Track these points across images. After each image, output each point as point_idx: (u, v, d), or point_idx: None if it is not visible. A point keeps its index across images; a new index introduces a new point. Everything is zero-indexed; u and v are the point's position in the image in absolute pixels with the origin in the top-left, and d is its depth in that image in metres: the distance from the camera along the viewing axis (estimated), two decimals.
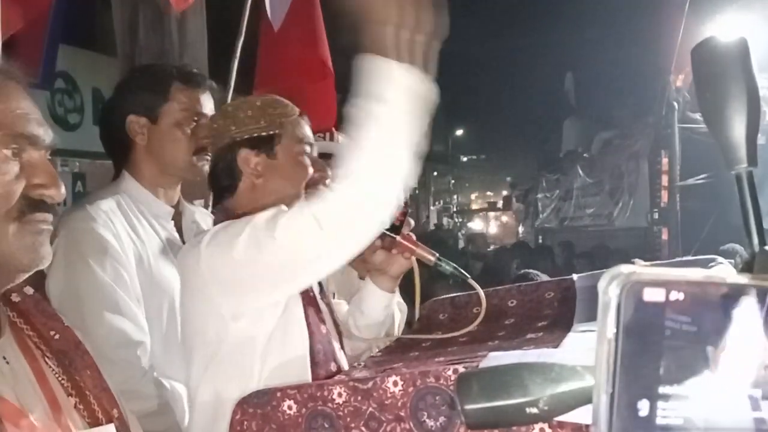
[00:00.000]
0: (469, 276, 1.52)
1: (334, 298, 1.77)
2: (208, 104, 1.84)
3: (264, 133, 1.47)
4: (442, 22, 1.25)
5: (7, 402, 0.85)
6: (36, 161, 0.91)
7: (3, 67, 0.95)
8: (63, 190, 0.91)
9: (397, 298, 1.78)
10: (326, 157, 2.10)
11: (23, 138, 0.90)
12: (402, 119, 1.22)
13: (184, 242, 1.81)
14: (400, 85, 1.21)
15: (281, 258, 1.31)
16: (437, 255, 1.54)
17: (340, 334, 1.58)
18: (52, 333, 0.98)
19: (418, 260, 1.57)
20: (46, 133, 0.93)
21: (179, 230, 1.85)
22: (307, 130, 1.54)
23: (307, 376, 1.38)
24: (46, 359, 0.96)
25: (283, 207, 1.40)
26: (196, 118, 1.79)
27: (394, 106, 1.21)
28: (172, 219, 1.85)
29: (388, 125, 1.22)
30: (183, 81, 1.81)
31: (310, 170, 1.52)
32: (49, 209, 0.91)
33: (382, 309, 1.59)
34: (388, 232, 1.50)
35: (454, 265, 1.54)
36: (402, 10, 1.22)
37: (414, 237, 1.55)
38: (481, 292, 1.48)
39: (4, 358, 0.90)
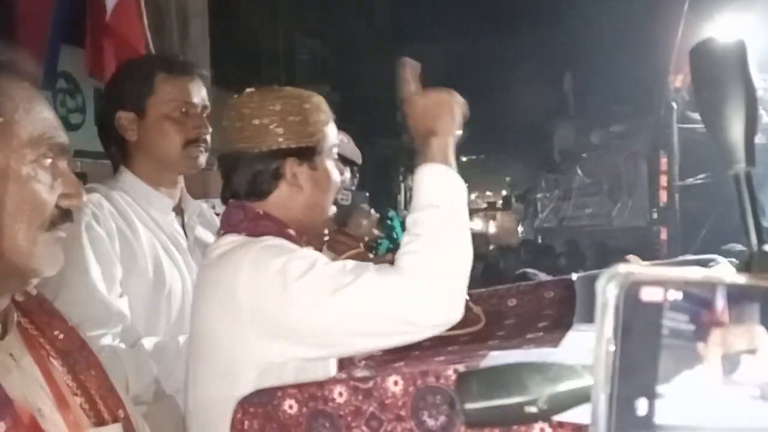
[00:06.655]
0: None
1: None
2: (197, 92, 1.77)
3: (310, 144, 1.40)
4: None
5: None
6: (63, 170, 0.89)
7: (24, 70, 0.91)
8: (85, 197, 0.91)
9: None
10: None
11: (57, 147, 0.89)
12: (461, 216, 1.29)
13: (187, 237, 1.79)
14: (458, 188, 1.30)
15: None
16: None
17: None
18: (56, 333, 0.97)
19: None
20: (67, 140, 0.92)
21: (182, 225, 1.82)
22: (336, 136, 1.48)
23: None
24: (51, 358, 0.95)
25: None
26: (184, 109, 1.73)
27: (456, 206, 1.28)
28: (177, 215, 1.81)
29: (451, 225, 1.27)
30: (166, 70, 1.75)
31: (339, 178, 1.47)
32: (71, 218, 0.90)
33: None
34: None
35: None
36: (456, 121, 1.33)
37: None
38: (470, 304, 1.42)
39: (11, 354, 0.89)
